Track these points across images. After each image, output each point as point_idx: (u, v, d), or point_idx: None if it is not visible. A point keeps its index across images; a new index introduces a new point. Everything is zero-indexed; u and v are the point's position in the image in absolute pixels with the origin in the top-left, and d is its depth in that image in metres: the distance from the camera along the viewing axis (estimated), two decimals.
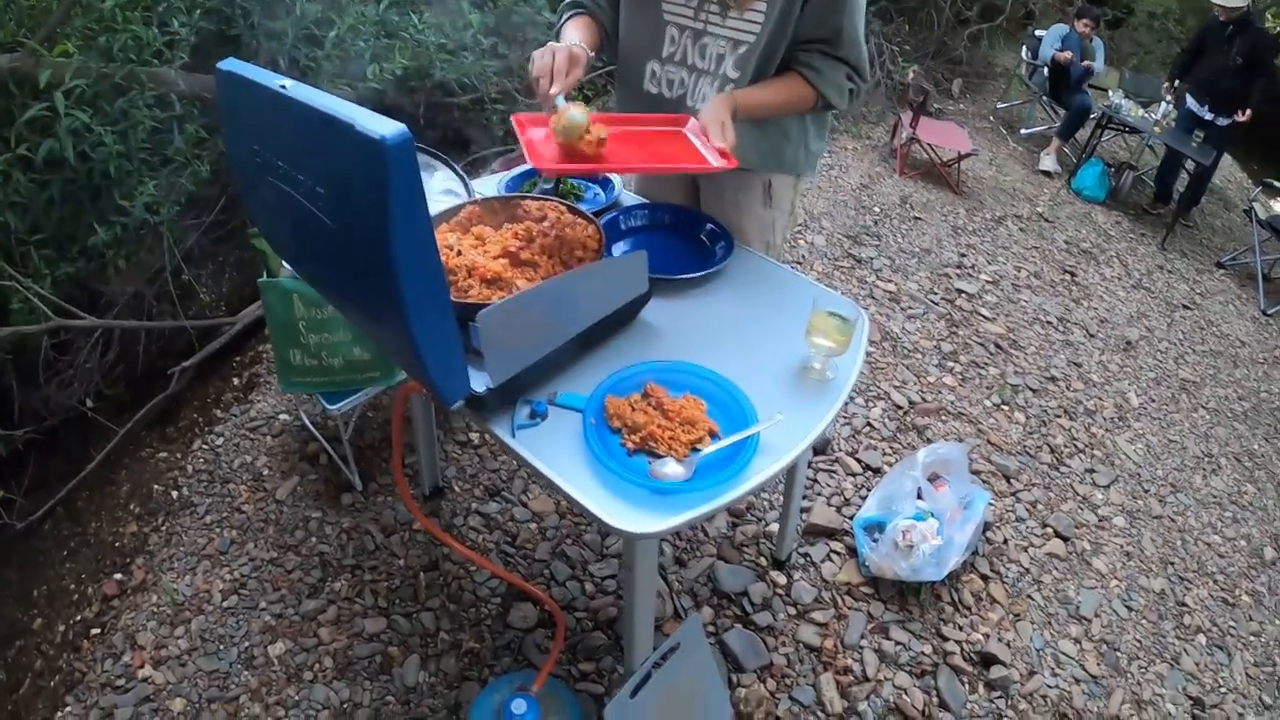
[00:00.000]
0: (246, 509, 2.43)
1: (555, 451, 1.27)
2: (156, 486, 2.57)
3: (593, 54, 1.67)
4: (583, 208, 1.66)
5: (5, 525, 2.55)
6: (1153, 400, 3.75)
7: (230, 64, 1.28)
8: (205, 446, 2.68)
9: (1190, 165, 6.14)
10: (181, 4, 3.00)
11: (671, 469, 1.24)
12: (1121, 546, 2.79)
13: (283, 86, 1.16)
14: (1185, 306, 4.89)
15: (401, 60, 3.26)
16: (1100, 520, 2.88)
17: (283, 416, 2.75)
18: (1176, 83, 6.25)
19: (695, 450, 1.28)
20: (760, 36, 1.61)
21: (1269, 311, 5.28)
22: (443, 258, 1.42)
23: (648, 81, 1.78)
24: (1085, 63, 6.50)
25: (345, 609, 2.14)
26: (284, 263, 2.18)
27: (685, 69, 1.73)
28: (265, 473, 2.56)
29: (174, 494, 2.52)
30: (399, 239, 1.02)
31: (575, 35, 1.67)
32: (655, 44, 1.74)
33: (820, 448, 2.78)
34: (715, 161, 1.49)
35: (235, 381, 3.01)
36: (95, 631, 2.14)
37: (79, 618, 2.22)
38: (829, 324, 1.40)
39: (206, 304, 3.40)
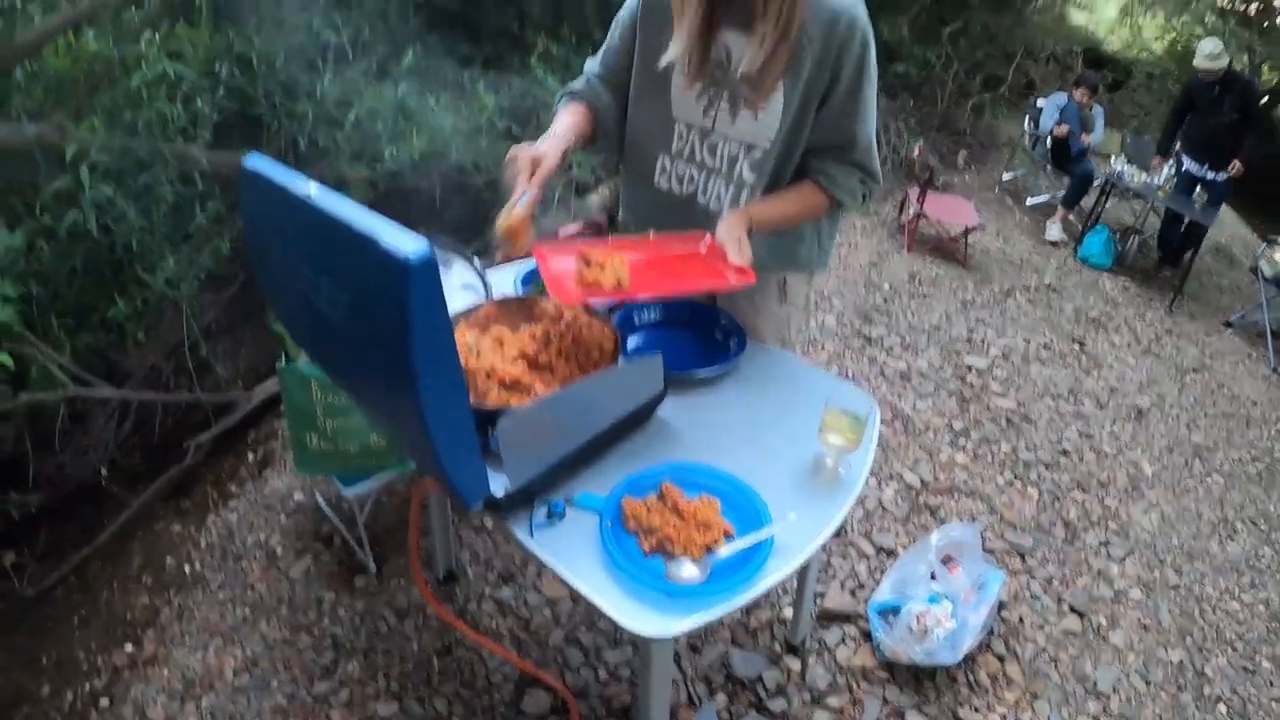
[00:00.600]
0: (259, 587, 2.44)
1: (572, 552, 1.29)
2: (169, 559, 2.59)
3: (574, 144, 1.67)
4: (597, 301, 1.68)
5: (17, 590, 2.56)
6: (1166, 468, 3.73)
7: (255, 161, 1.29)
8: (219, 522, 2.70)
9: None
10: (205, 84, 3.07)
11: (687, 571, 1.26)
12: (1138, 619, 2.76)
13: (308, 194, 1.19)
14: (1195, 370, 4.89)
15: (418, 143, 3.33)
16: (1116, 594, 2.85)
17: (297, 496, 2.76)
18: (1175, 146, 6.27)
19: (710, 552, 1.29)
20: (775, 142, 1.63)
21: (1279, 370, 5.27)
22: (462, 359, 1.45)
23: (658, 176, 1.79)
24: (1084, 138, 6.53)
25: (357, 692, 2.13)
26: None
27: (695, 166, 1.74)
28: (279, 551, 2.57)
29: (187, 568, 2.54)
30: (420, 354, 1.03)
31: (562, 124, 1.67)
32: (665, 138, 1.75)
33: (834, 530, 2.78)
34: (732, 279, 1.51)
35: (250, 458, 3.03)
36: (104, 702, 2.14)
37: (88, 687, 2.21)
38: (841, 422, 1.42)
39: (223, 379, 3.43)
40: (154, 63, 2.83)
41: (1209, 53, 5.73)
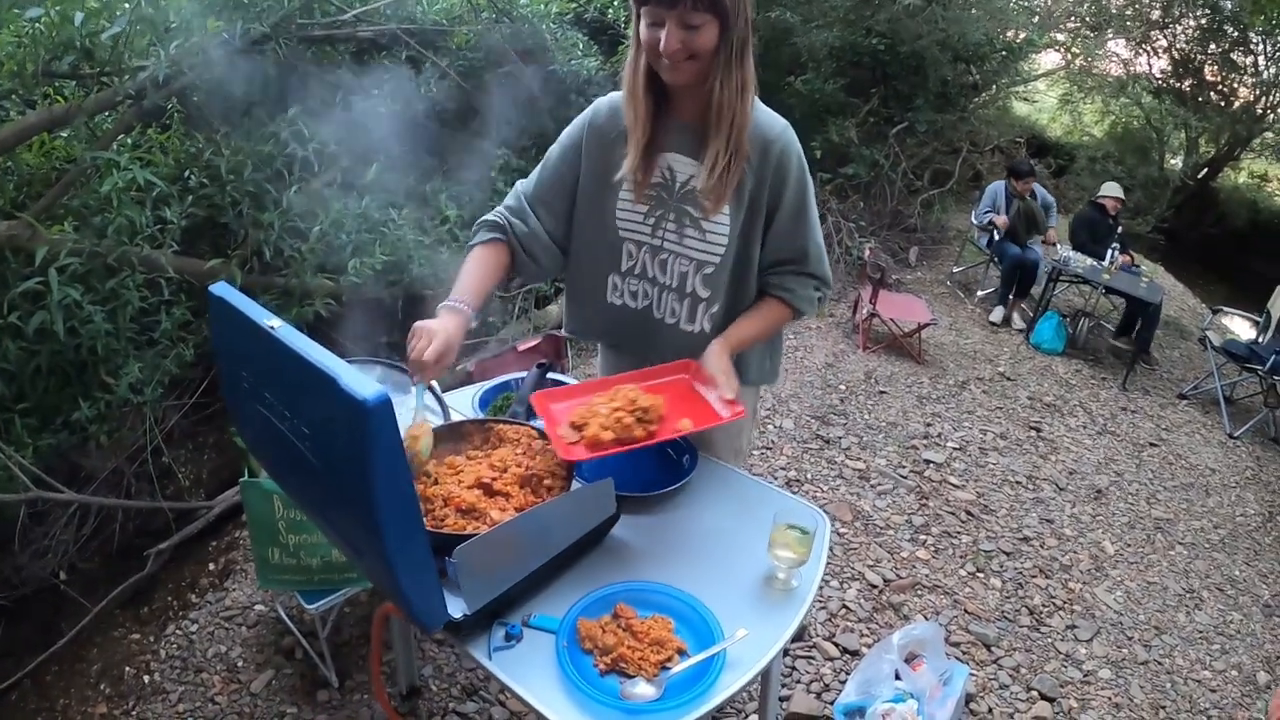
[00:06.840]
0: (220, 700, 2.40)
1: (530, 673, 1.31)
2: (128, 669, 2.54)
3: (483, 301, 1.69)
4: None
5: None
6: (1128, 545, 3.78)
7: (221, 289, 1.34)
8: (179, 632, 2.66)
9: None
10: (174, 191, 3.11)
11: (642, 689, 1.28)
12: (1110, 699, 2.77)
13: (272, 327, 1.23)
14: (1152, 444, 4.98)
15: (381, 255, 3.38)
16: (1085, 675, 2.87)
17: (258, 608, 2.73)
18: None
19: (665, 669, 1.32)
20: (725, 258, 1.71)
21: (1235, 434, 5.37)
22: (420, 486, 1.49)
23: (610, 294, 1.85)
24: (1046, 241, 6.89)
25: None
26: None
27: (647, 282, 1.80)
28: (240, 664, 2.53)
29: (145, 678, 2.49)
30: (380, 488, 1.08)
31: (472, 279, 1.69)
32: (614, 259, 1.81)
33: (797, 634, 2.77)
34: (725, 412, 1.60)
35: (211, 567, 3.00)
36: None
37: None
38: (790, 537, 1.46)
39: (184, 486, 3.40)
40: (125, 168, 2.85)
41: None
